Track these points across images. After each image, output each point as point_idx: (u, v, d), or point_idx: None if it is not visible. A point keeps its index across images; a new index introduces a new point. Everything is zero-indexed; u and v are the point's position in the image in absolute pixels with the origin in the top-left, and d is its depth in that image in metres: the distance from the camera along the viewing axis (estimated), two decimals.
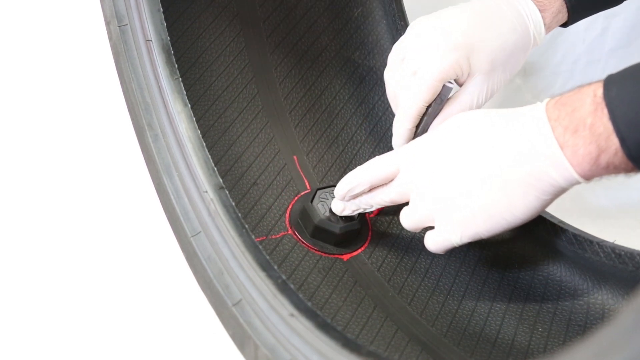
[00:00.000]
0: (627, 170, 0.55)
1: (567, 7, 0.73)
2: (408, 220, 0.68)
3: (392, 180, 0.68)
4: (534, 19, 0.71)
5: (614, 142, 0.53)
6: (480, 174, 0.61)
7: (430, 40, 0.71)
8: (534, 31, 0.71)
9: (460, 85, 0.72)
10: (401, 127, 0.72)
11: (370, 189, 0.69)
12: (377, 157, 0.69)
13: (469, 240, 0.64)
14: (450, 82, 0.70)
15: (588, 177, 0.57)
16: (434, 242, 0.66)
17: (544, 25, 0.72)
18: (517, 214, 0.61)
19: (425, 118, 0.71)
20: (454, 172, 0.63)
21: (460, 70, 0.70)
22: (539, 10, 0.71)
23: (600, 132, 0.54)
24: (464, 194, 0.62)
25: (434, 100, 0.70)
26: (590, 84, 0.56)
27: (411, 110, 0.71)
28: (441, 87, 0.70)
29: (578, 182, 0.57)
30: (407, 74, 0.72)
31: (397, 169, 0.67)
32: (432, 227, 0.66)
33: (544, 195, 0.59)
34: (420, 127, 0.72)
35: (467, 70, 0.70)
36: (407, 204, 0.68)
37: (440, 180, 0.64)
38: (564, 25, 0.75)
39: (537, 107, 0.59)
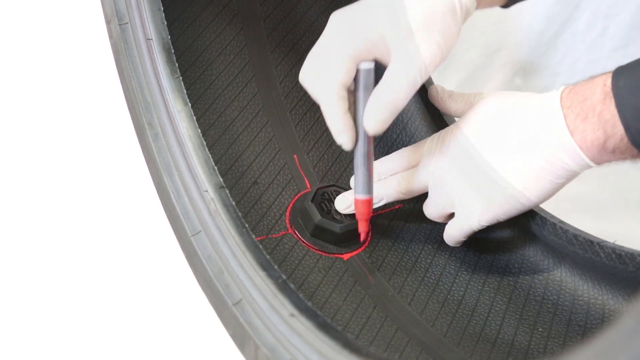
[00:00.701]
0: (633, 156, 0.58)
1: None
2: (430, 208, 0.72)
3: (412, 170, 0.71)
4: None
5: (620, 128, 0.56)
6: (496, 160, 0.65)
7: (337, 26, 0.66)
8: None
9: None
10: (330, 115, 0.65)
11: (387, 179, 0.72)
12: (402, 148, 0.73)
13: (487, 224, 0.68)
14: (367, 62, 0.64)
15: (597, 162, 0.60)
16: (455, 229, 0.70)
17: None
18: (532, 198, 0.64)
19: (355, 107, 0.65)
20: (471, 160, 0.66)
21: (373, 47, 0.64)
22: None
23: (607, 119, 0.57)
24: (481, 180, 0.65)
25: (357, 87, 0.64)
26: (601, 74, 0.59)
27: (330, 95, 0.64)
28: (356, 69, 0.64)
29: (589, 166, 0.61)
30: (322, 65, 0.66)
31: (419, 160, 0.71)
32: (452, 216, 0.70)
33: (558, 179, 0.62)
34: (357, 119, 0.65)
35: (383, 45, 0.64)
36: (415, 199, 0.72)
37: (459, 167, 0.67)
38: (505, 5, 0.69)
39: (552, 95, 0.62)
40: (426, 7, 0.63)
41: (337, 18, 0.66)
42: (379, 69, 0.65)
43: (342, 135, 0.65)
